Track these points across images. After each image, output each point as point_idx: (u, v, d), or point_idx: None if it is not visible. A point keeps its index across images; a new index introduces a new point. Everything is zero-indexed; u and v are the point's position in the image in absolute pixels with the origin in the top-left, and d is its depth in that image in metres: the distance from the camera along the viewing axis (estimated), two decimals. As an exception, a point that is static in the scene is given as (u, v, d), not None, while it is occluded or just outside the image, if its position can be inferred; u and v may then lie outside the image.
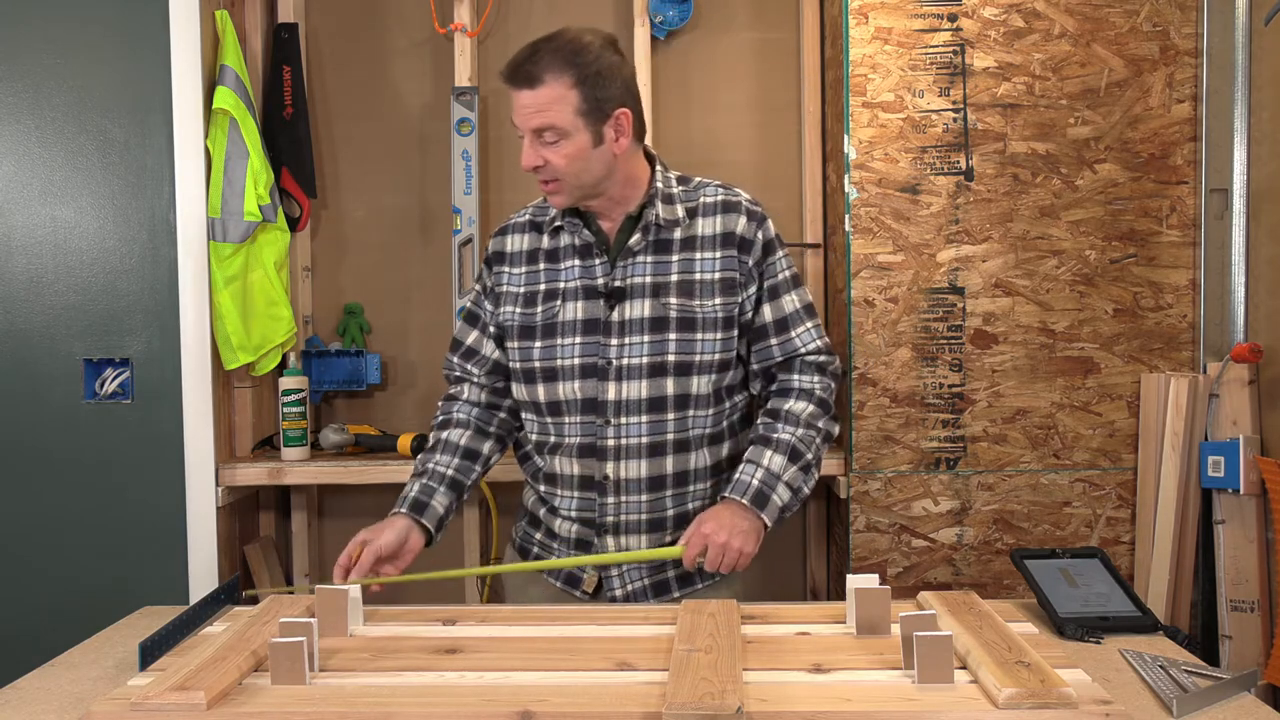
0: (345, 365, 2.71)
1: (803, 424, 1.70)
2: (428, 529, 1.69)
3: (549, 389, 1.71)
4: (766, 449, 1.68)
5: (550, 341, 1.71)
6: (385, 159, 2.76)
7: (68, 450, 2.39)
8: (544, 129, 1.63)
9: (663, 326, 1.68)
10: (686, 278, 1.69)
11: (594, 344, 1.69)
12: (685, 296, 1.68)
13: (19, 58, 2.37)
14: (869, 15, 2.36)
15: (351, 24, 2.76)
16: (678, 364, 1.68)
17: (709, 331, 1.69)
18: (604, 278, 1.70)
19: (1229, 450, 2.24)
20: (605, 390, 1.68)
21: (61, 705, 1.28)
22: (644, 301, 1.68)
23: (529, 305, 1.74)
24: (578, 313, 1.70)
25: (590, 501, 1.72)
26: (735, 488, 1.66)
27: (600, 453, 1.70)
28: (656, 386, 1.68)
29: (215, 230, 2.41)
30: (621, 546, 1.72)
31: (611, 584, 1.74)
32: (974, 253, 2.37)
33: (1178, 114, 2.36)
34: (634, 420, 1.68)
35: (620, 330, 1.68)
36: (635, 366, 1.67)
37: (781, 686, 1.23)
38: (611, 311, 1.69)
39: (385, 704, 1.19)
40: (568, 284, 1.72)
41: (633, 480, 1.70)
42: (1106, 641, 1.48)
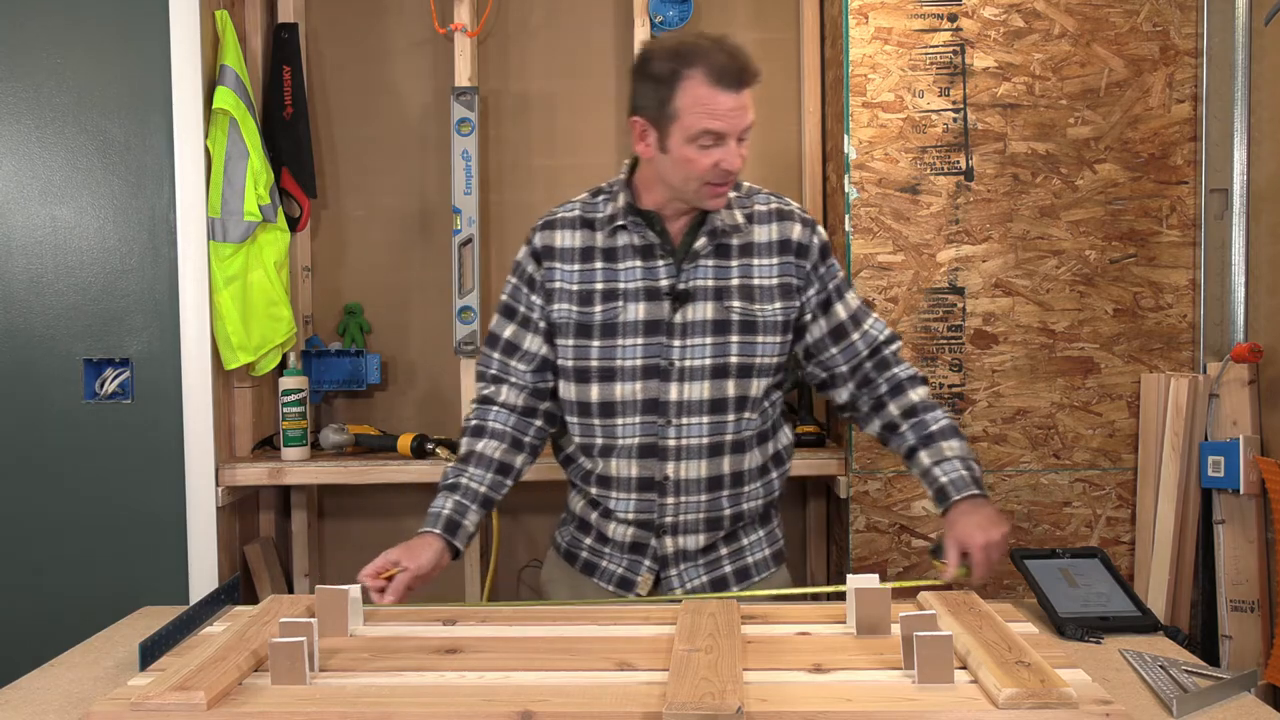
0: (345, 365, 2.71)
1: (935, 408, 1.74)
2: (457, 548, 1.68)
3: (604, 389, 1.70)
4: (939, 442, 1.69)
5: (610, 341, 1.70)
6: (385, 159, 2.76)
7: (68, 450, 2.39)
8: (748, 128, 1.62)
9: (725, 329, 1.69)
10: (746, 282, 1.70)
11: (656, 345, 1.68)
12: (746, 300, 1.70)
13: (19, 57, 2.37)
14: (869, 15, 2.36)
15: (351, 24, 2.76)
16: (739, 366, 1.69)
17: (769, 335, 1.71)
18: (668, 279, 1.69)
19: (1229, 450, 2.24)
20: (667, 391, 1.68)
21: (61, 705, 1.28)
22: (707, 304, 1.68)
23: (586, 304, 1.71)
24: (639, 314, 1.69)
25: (649, 503, 1.71)
26: (957, 488, 1.63)
27: (661, 453, 1.69)
28: (718, 388, 1.69)
29: (215, 230, 2.41)
30: (680, 546, 1.73)
31: (672, 583, 1.74)
32: (974, 253, 2.37)
33: (1178, 114, 2.36)
34: (695, 421, 1.69)
35: (684, 332, 1.68)
36: (698, 368, 1.68)
37: (781, 686, 1.23)
38: (675, 313, 1.68)
39: (385, 704, 1.19)
40: (629, 284, 1.70)
41: (693, 480, 1.70)
42: (1106, 641, 1.48)
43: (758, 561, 1.78)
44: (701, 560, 1.74)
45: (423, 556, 1.61)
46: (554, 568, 1.86)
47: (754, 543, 1.79)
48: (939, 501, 1.67)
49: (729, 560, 1.76)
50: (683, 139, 1.59)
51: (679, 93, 1.58)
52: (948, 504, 1.65)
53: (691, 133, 1.58)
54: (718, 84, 1.57)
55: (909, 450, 1.72)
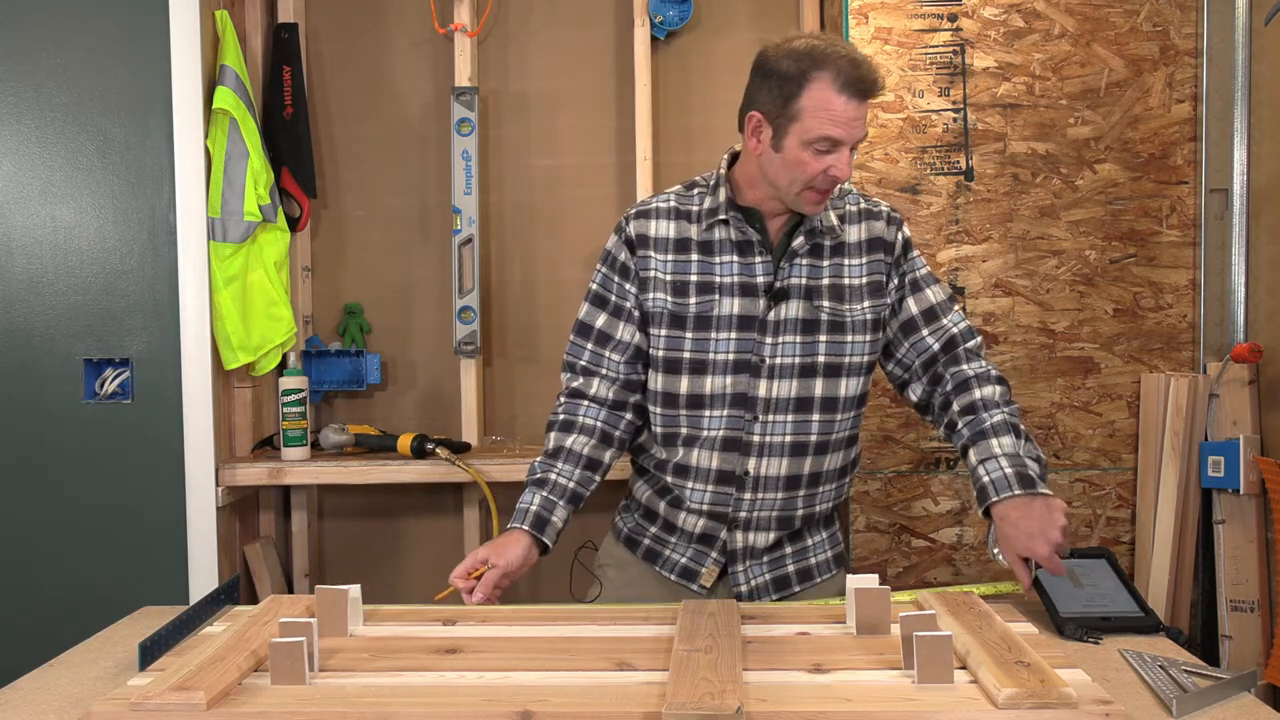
0: (345, 365, 2.71)
1: (1001, 404, 1.68)
2: (545, 544, 1.68)
3: (694, 381, 1.71)
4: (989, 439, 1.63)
5: (703, 334, 1.70)
6: (385, 159, 2.76)
7: (68, 450, 2.39)
8: (861, 140, 1.63)
9: (814, 328, 1.69)
10: (836, 282, 1.71)
11: (749, 340, 1.69)
12: (835, 300, 1.70)
13: (19, 57, 2.37)
14: (869, 15, 2.36)
15: (351, 24, 2.76)
16: (828, 365, 1.70)
17: (858, 334, 1.71)
18: (765, 276, 1.70)
19: (1229, 450, 2.24)
20: (756, 387, 1.69)
21: (61, 705, 1.28)
22: (799, 303, 1.69)
23: (680, 294, 1.71)
24: (734, 308, 1.69)
25: (725, 496, 1.72)
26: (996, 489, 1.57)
27: (744, 447, 1.70)
28: (805, 387, 1.69)
29: (215, 230, 2.41)
30: (749, 542, 1.74)
31: (737, 579, 1.75)
32: (974, 253, 2.37)
33: (1178, 114, 2.36)
34: (781, 418, 1.69)
35: (775, 329, 1.69)
36: (788, 366, 1.69)
37: (781, 686, 1.23)
38: (770, 310, 1.69)
39: (385, 704, 1.19)
40: (724, 278, 1.71)
41: (772, 477, 1.71)
42: (1106, 641, 1.48)
43: (820, 563, 1.79)
44: (766, 558, 1.75)
45: (510, 553, 1.62)
46: (614, 551, 1.86)
47: (818, 544, 1.80)
48: (979, 502, 1.61)
49: (793, 560, 1.77)
50: (799, 140, 1.59)
51: (805, 94, 1.57)
52: (985, 506, 1.59)
53: (810, 136, 1.58)
54: (844, 90, 1.57)
55: (963, 449, 1.68)
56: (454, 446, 2.51)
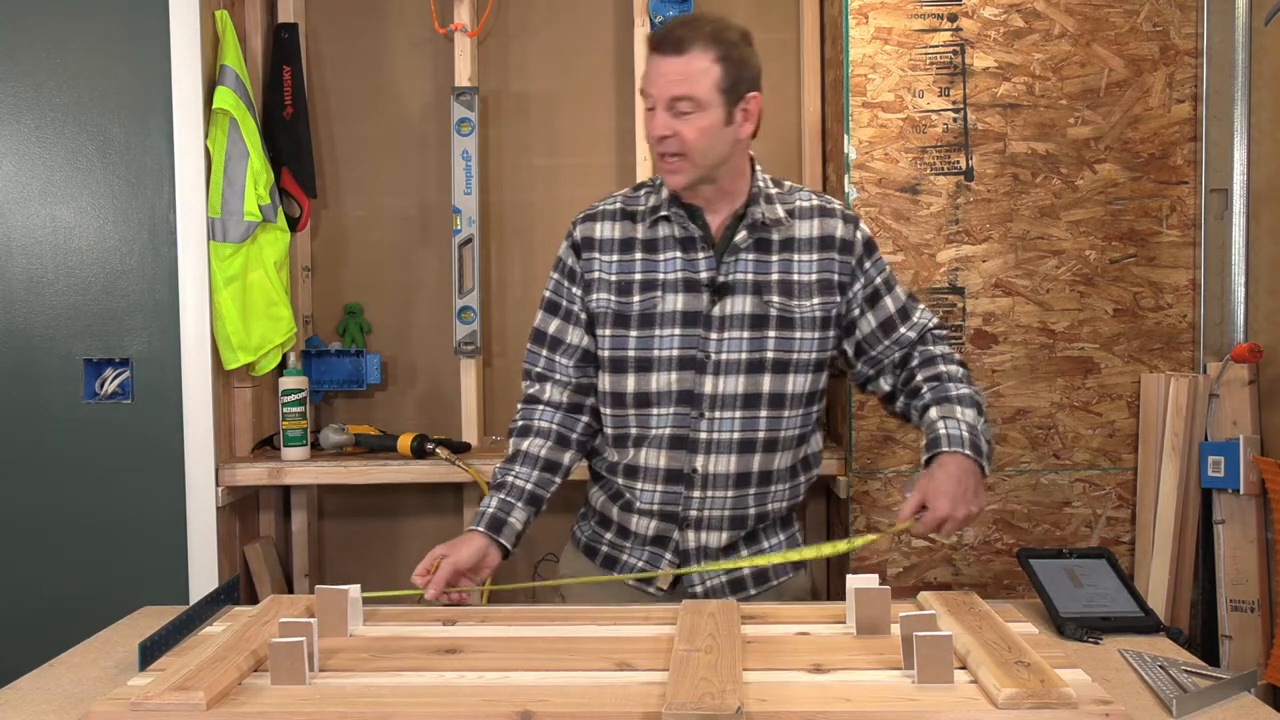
0: (345, 365, 2.71)
1: (966, 382, 1.71)
2: (504, 546, 1.68)
3: (640, 379, 1.71)
4: (954, 404, 1.65)
5: (647, 331, 1.71)
6: (385, 159, 2.76)
7: (68, 450, 2.39)
8: (681, 98, 1.62)
9: (763, 324, 1.69)
10: (786, 278, 1.71)
11: (693, 337, 1.69)
12: (785, 295, 1.71)
13: (19, 57, 2.37)
14: (869, 15, 2.36)
15: (351, 24, 2.76)
16: (775, 361, 1.69)
17: (806, 331, 1.71)
18: (708, 272, 1.70)
19: (1229, 450, 2.23)
20: (702, 383, 1.69)
21: (61, 705, 1.28)
22: (746, 298, 1.69)
23: (624, 294, 1.72)
24: (677, 304, 1.70)
25: (675, 495, 1.72)
26: (950, 441, 1.59)
27: (691, 445, 1.70)
28: (753, 383, 1.69)
29: (215, 230, 2.41)
30: (702, 542, 1.72)
31: (691, 580, 1.74)
32: (974, 253, 2.37)
33: (1178, 114, 2.36)
34: (728, 415, 1.69)
35: (721, 325, 1.69)
36: (734, 361, 1.69)
37: (781, 686, 1.23)
38: (714, 306, 1.69)
39: (385, 704, 1.19)
40: (668, 275, 1.71)
41: (720, 475, 1.70)
42: (1106, 641, 1.48)
43: (777, 566, 1.77)
44: (721, 559, 1.74)
45: (463, 550, 1.62)
46: (572, 562, 1.86)
47: (775, 546, 1.78)
48: (927, 449, 1.63)
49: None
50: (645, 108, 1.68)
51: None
52: (935, 454, 1.60)
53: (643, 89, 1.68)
54: (652, 48, 1.66)
55: (922, 409, 1.69)
56: (454, 446, 2.51)
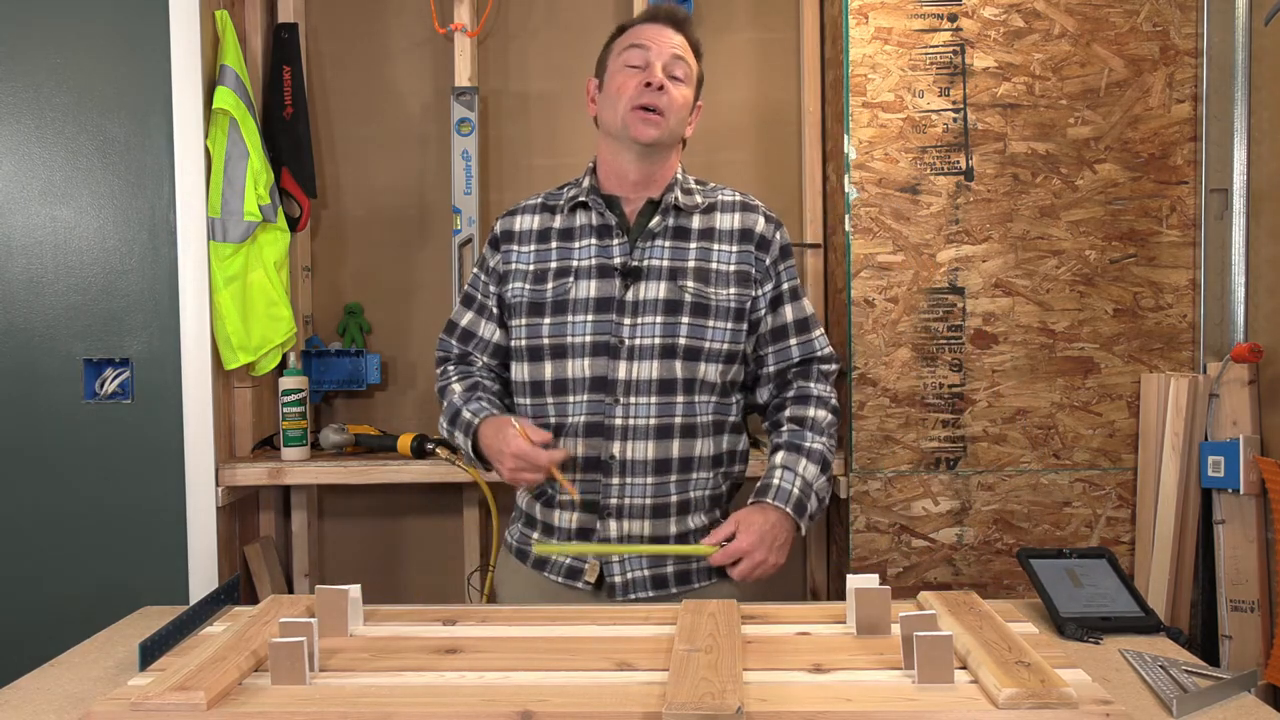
0: (345, 365, 2.71)
1: (826, 433, 1.77)
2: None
3: (556, 366, 1.71)
4: (801, 457, 1.72)
5: (561, 318, 1.71)
6: (385, 159, 2.76)
7: (68, 450, 2.39)
8: (679, 60, 1.72)
9: (677, 309, 1.70)
10: (703, 265, 1.73)
11: (607, 322, 1.70)
12: (701, 283, 1.72)
13: (19, 57, 2.37)
14: (869, 15, 2.36)
15: (351, 24, 2.76)
16: (688, 348, 1.70)
17: (721, 320, 1.72)
18: (621, 257, 1.72)
19: (1229, 450, 2.24)
20: (616, 369, 1.69)
21: (61, 705, 1.28)
22: (660, 284, 1.70)
23: (539, 282, 1.74)
24: (591, 290, 1.71)
25: (595, 484, 1.71)
26: (777, 495, 1.68)
27: (607, 431, 1.69)
28: (667, 368, 1.69)
29: (215, 230, 2.41)
30: (624, 531, 1.71)
31: (612, 569, 1.72)
32: (974, 253, 2.37)
33: (1178, 114, 2.36)
34: (643, 400, 1.69)
35: (634, 310, 1.69)
36: (647, 347, 1.69)
37: (781, 686, 1.23)
38: (627, 291, 1.70)
39: (385, 704, 1.19)
40: (581, 262, 1.73)
41: (639, 461, 1.69)
42: (1107, 641, 1.48)
43: (701, 570, 1.74)
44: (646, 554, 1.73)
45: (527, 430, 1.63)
46: (504, 568, 1.85)
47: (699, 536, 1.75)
48: (756, 493, 1.71)
49: (673, 561, 1.73)
50: (615, 71, 1.73)
51: (617, 39, 1.77)
52: (760, 501, 1.69)
53: (619, 54, 1.73)
54: (646, 21, 1.75)
55: (775, 447, 1.76)
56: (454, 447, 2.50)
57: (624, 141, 1.72)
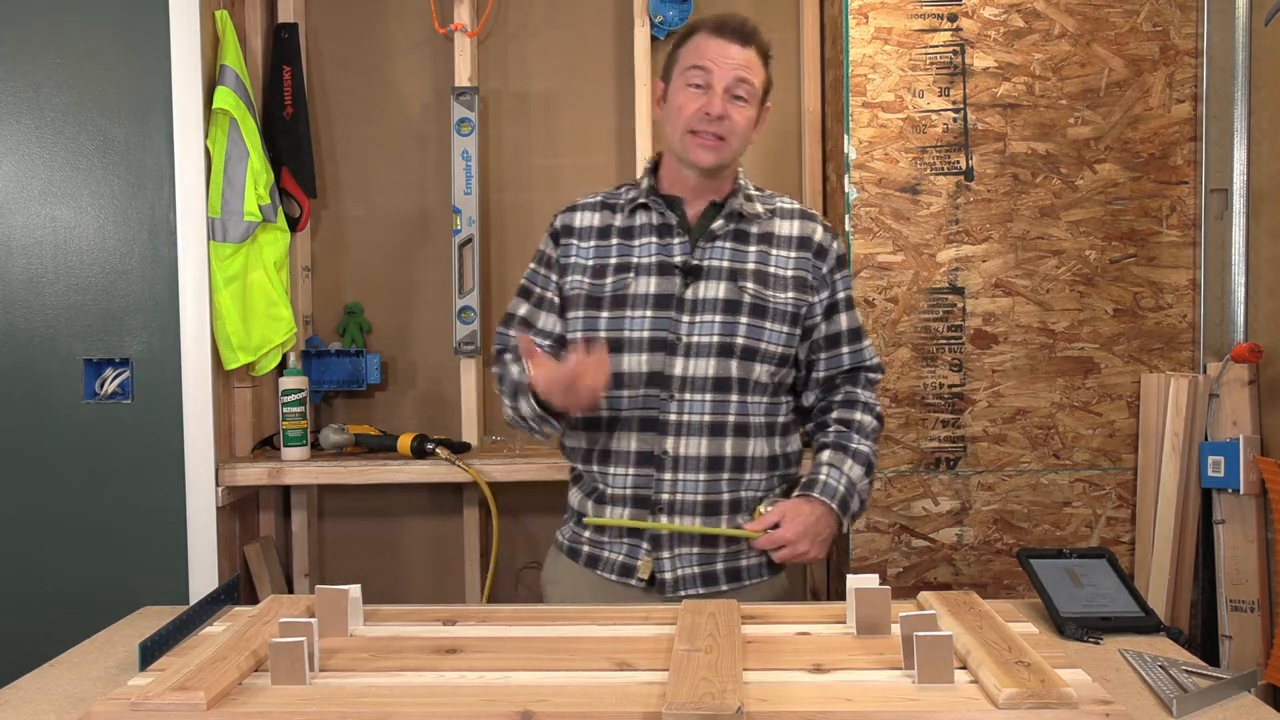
0: (345, 365, 2.71)
1: (871, 438, 1.79)
2: None
3: (612, 360, 1.70)
4: (847, 457, 1.74)
5: (619, 313, 1.72)
6: (385, 159, 2.76)
7: (68, 450, 2.39)
8: (744, 82, 1.69)
9: (735, 309, 1.71)
10: (762, 268, 1.74)
11: (665, 319, 1.70)
12: (760, 285, 1.73)
13: (19, 58, 2.37)
14: (869, 15, 2.36)
15: (351, 24, 2.76)
16: (745, 347, 1.71)
17: (777, 322, 1.73)
18: (682, 255, 1.73)
19: (1229, 450, 2.24)
20: (672, 365, 1.70)
21: (61, 705, 1.28)
22: (720, 283, 1.71)
23: (598, 276, 1.75)
24: (650, 287, 1.72)
25: (647, 478, 1.72)
26: (823, 490, 1.70)
27: (661, 427, 1.70)
28: (722, 366, 1.70)
29: (215, 230, 2.41)
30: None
31: (662, 565, 1.73)
32: (974, 253, 2.37)
33: (1178, 114, 2.36)
34: (698, 397, 1.70)
35: (693, 308, 1.71)
36: (704, 344, 1.70)
37: (781, 686, 1.23)
38: (686, 289, 1.71)
39: (385, 704, 1.19)
40: (642, 259, 1.74)
41: (692, 458, 1.70)
42: (1107, 641, 1.48)
43: (751, 566, 1.75)
44: (696, 549, 1.74)
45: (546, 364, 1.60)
46: (555, 567, 1.85)
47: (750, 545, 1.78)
48: (802, 487, 1.72)
49: (723, 558, 1.75)
50: (679, 83, 1.71)
51: (685, 44, 1.73)
52: (806, 494, 1.70)
53: (683, 70, 1.70)
54: (713, 32, 1.71)
55: (820, 446, 1.77)
56: (454, 446, 2.51)
57: (682, 157, 1.72)
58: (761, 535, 1.68)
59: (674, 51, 1.75)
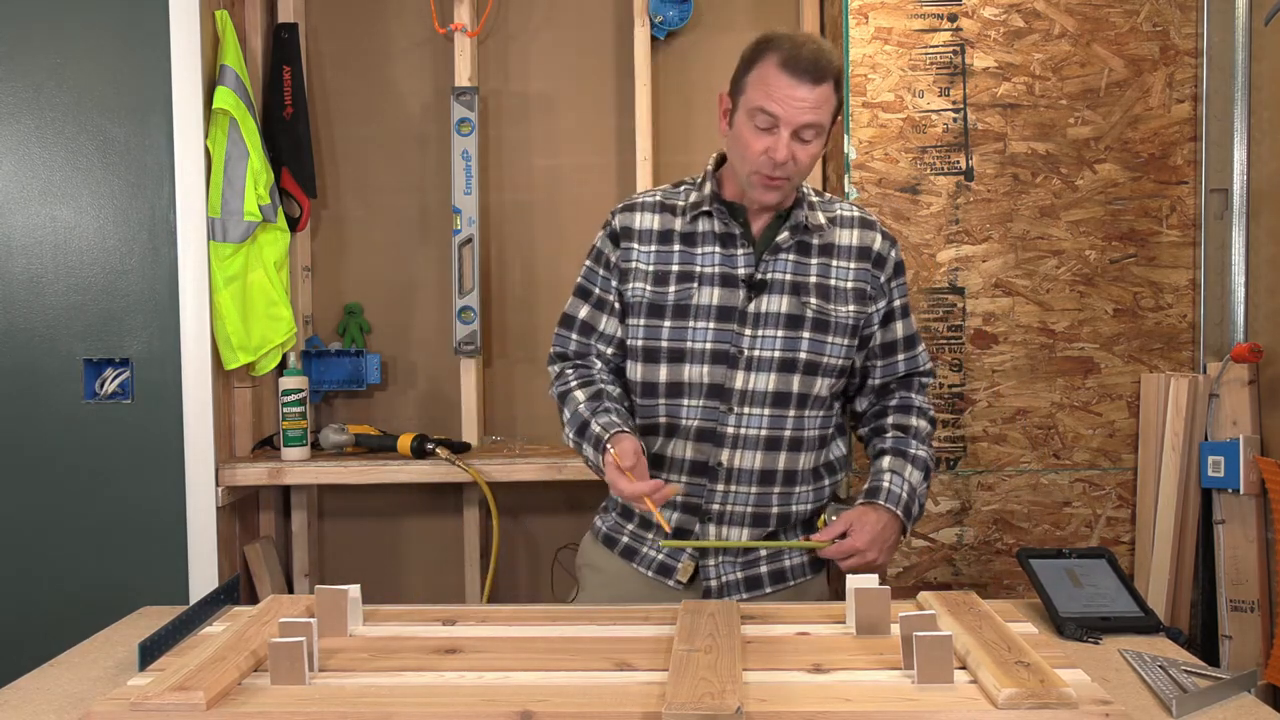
0: (345, 365, 2.71)
1: (927, 443, 1.79)
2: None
3: (672, 370, 1.70)
4: (907, 463, 1.75)
5: (681, 323, 1.70)
6: (385, 159, 2.76)
7: (68, 450, 2.39)
8: (811, 126, 1.62)
9: (799, 324, 1.70)
10: (824, 281, 1.72)
11: (728, 331, 1.69)
12: (823, 299, 1.72)
13: (19, 58, 2.37)
14: (869, 15, 2.36)
15: (351, 24, 2.76)
16: (807, 363, 1.70)
17: (839, 336, 1.72)
18: (746, 268, 1.71)
19: (1229, 450, 2.24)
20: (733, 379, 1.69)
21: (61, 705, 1.28)
22: (783, 298, 1.70)
23: (660, 284, 1.72)
24: (713, 298, 1.70)
25: (699, 487, 1.72)
26: (888, 497, 1.71)
27: (718, 439, 1.70)
28: (783, 381, 1.70)
29: (215, 230, 2.41)
30: (722, 537, 1.72)
31: (708, 573, 1.73)
32: (974, 253, 2.37)
33: (1178, 114, 2.36)
34: (757, 411, 1.69)
35: (756, 321, 1.69)
36: (767, 359, 1.69)
37: (781, 686, 1.23)
38: (750, 302, 1.70)
39: (385, 704, 1.19)
40: (704, 269, 1.71)
41: (746, 470, 1.70)
42: (1106, 641, 1.48)
43: (795, 566, 1.77)
44: (740, 557, 1.74)
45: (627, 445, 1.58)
46: (591, 551, 1.85)
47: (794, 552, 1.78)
48: (866, 495, 1.72)
49: (766, 560, 1.76)
50: (744, 115, 1.64)
51: (753, 70, 1.64)
52: (871, 501, 1.71)
53: (750, 108, 1.63)
54: (783, 67, 1.60)
55: (880, 452, 1.77)
56: (454, 446, 2.51)
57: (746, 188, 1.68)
58: (829, 545, 1.68)
59: (742, 75, 1.66)
